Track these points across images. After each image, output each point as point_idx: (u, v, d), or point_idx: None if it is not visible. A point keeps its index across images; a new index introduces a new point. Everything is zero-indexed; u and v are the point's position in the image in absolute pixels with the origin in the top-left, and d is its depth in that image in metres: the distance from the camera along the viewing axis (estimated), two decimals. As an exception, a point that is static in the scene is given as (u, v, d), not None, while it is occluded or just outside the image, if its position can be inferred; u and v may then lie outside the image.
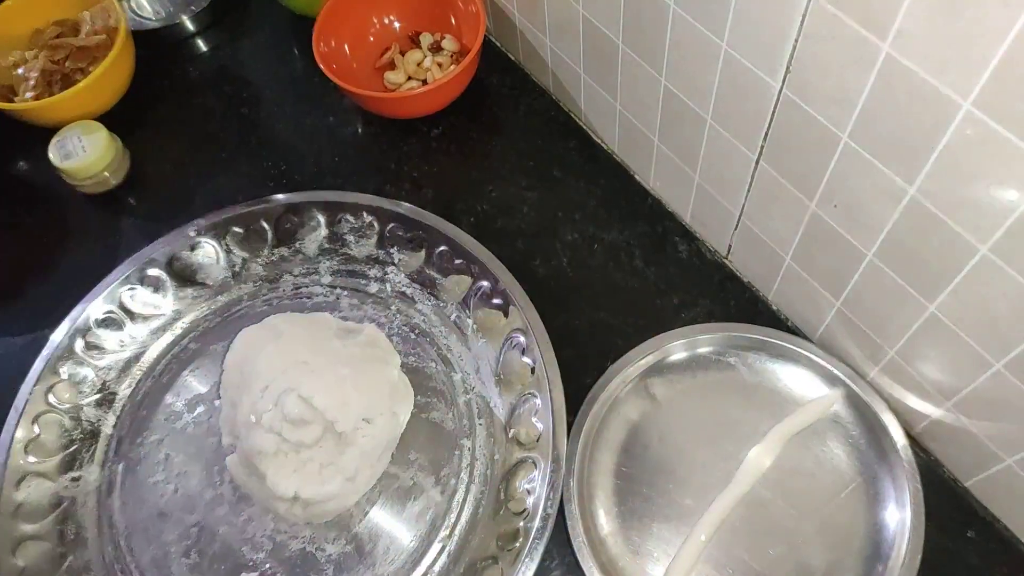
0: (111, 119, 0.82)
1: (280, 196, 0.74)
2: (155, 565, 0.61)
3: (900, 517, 0.57)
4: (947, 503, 0.59)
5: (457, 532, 0.60)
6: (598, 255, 0.73)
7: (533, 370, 0.63)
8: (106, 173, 0.80)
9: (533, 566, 0.55)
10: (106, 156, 0.79)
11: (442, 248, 0.70)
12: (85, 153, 0.78)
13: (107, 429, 0.68)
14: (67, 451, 0.66)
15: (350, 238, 0.74)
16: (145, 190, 0.83)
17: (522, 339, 0.65)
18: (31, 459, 0.64)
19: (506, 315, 0.66)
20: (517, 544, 0.56)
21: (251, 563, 0.61)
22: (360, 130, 0.85)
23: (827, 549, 0.57)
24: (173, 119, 0.88)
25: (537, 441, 0.60)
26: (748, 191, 0.61)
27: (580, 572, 0.57)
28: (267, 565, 0.61)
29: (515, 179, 0.78)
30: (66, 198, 0.82)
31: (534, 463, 0.60)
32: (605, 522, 0.60)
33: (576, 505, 0.59)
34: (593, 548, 0.57)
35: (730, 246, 0.69)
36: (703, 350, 0.65)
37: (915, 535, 0.55)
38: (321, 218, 0.74)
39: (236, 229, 0.74)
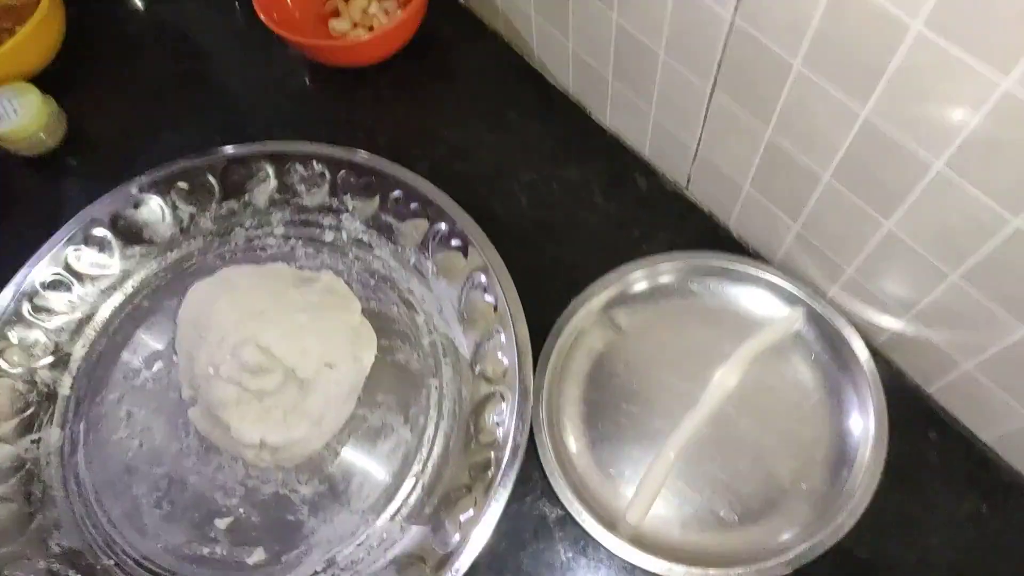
0: (44, 80, 0.79)
1: (225, 148, 0.72)
2: (127, 518, 0.60)
3: (864, 424, 0.58)
4: (909, 409, 0.60)
5: (429, 466, 0.61)
6: (557, 193, 0.73)
7: (496, 308, 0.63)
8: (41, 135, 0.77)
9: (506, 493, 0.55)
10: (39, 118, 0.76)
11: (396, 193, 0.70)
12: (17, 116, 0.75)
13: (64, 390, 0.66)
14: (24, 414, 0.64)
15: (301, 188, 0.72)
16: (85, 151, 0.80)
17: (483, 278, 0.64)
18: (-14, 424, 0.62)
19: (465, 255, 0.66)
20: (489, 473, 0.56)
21: (225, 509, 0.60)
22: (308, 81, 0.83)
23: (793, 459, 0.58)
24: (112, 77, 0.85)
25: (504, 375, 0.61)
26: (704, 122, 0.61)
27: (553, 495, 0.58)
28: (241, 510, 0.60)
29: (470, 124, 0.78)
30: (3, 162, 0.79)
31: (501, 396, 0.60)
32: (575, 448, 0.60)
33: (546, 434, 0.59)
34: (565, 473, 0.58)
35: (689, 177, 0.70)
36: (665, 279, 0.66)
37: (878, 441, 0.57)
38: (269, 169, 0.72)
39: (181, 184, 0.72)
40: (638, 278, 0.66)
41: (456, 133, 0.77)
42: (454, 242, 0.67)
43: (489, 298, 0.64)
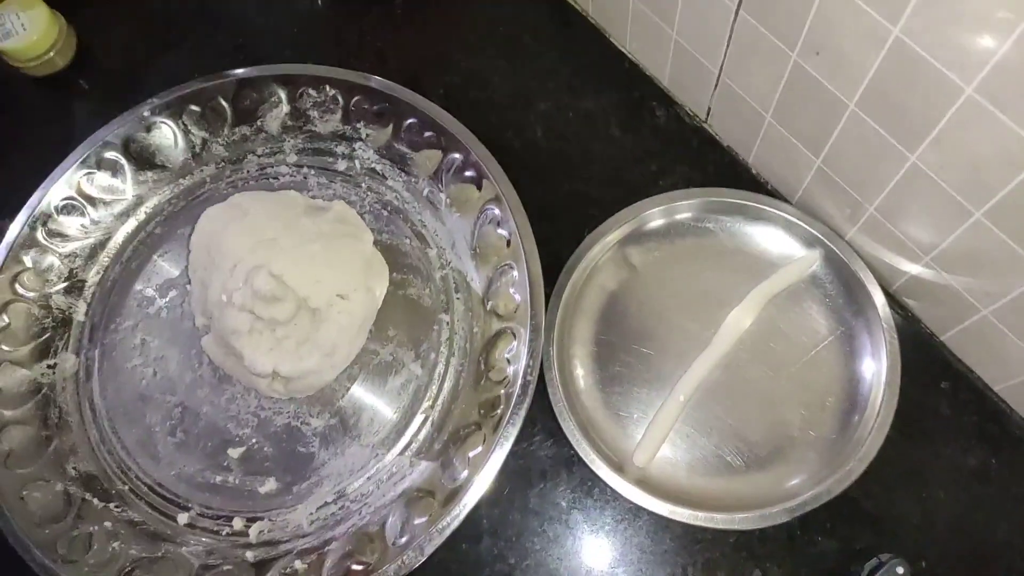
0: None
1: (237, 71, 0.70)
2: (141, 445, 0.62)
3: (876, 370, 0.57)
4: (922, 357, 0.60)
5: (440, 403, 0.61)
6: (573, 124, 0.71)
7: (509, 242, 0.62)
8: (51, 53, 0.76)
9: (514, 431, 0.55)
10: (49, 34, 0.74)
11: (410, 121, 0.68)
12: (25, 31, 0.73)
13: (79, 316, 0.67)
14: (40, 339, 0.65)
15: (314, 114, 0.71)
16: (95, 71, 0.79)
17: (496, 211, 0.63)
18: (3, 347, 0.63)
19: (479, 188, 0.64)
20: (499, 411, 0.56)
21: (237, 439, 0.61)
22: (319, 1, 0.80)
23: (803, 405, 0.58)
24: (118, -5, 0.83)
25: (515, 312, 0.60)
26: (728, 46, 0.59)
27: (562, 435, 0.58)
28: (253, 440, 0.61)
29: (485, 49, 0.75)
30: (13, 81, 0.78)
31: (513, 333, 0.59)
32: (585, 387, 0.60)
33: (556, 372, 0.59)
34: (574, 412, 0.58)
35: (709, 109, 0.67)
36: (681, 216, 0.64)
37: (890, 388, 0.56)
38: (282, 93, 0.71)
39: (192, 107, 0.70)
40: (654, 215, 0.64)
41: (470, 59, 0.75)
42: (468, 173, 0.65)
43: (502, 232, 0.63)
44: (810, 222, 0.62)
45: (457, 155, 0.66)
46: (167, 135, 0.71)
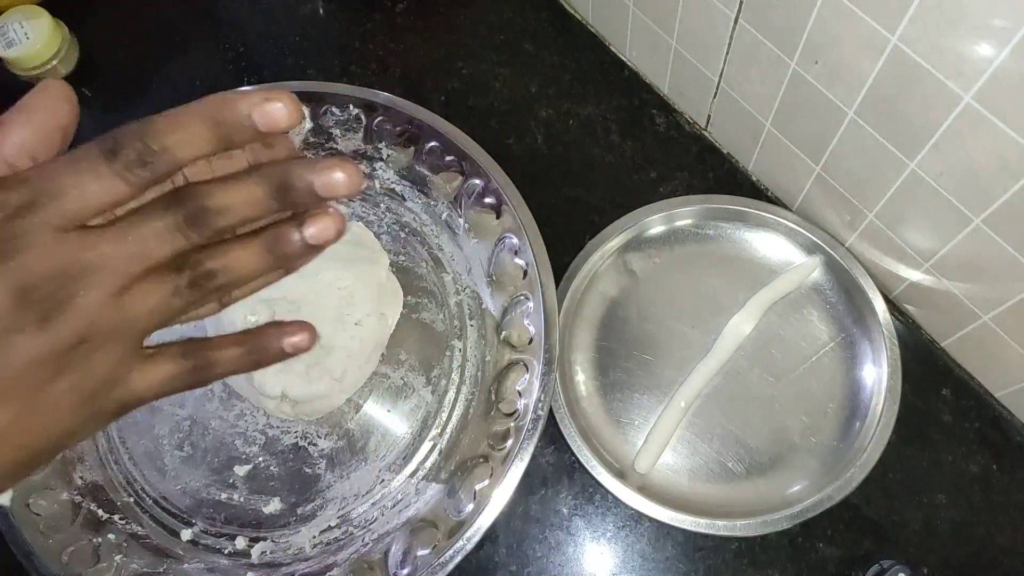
0: (53, 5, 0.77)
1: (264, 86, 0.70)
2: (148, 457, 0.61)
3: (876, 376, 0.58)
4: (923, 364, 0.60)
5: (448, 430, 0.60)
6: (574, 131, 0.71)
7: (525, 273, 0.60)
8: (54, 62, 0.76)
9: (523, 465, 0.54)
10: (52, 43, 0.75)
11: (432, 144, 0.66)
12: (29, 40, 0.73)
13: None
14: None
15: (336, 132, 0.70)
16: (98, 79, 0.79)
17: (515, 240, 0.61)
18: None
19: (498, 215, 0.63)
20: (507, 444, 0.55)
21: (244, 456, 0.60)
22: (321, 8, 0.81)
23: (804, 412, 0.58)
24: (121, 4, 0.83)
25: (529, 344, 0.59)
26: (727, 54, 0.59)
27: (563, 441, 0.58)
28: (260, 459, 0.60)
29: (486, 55, 0.75)
30: (16, 89, 0.77)
31: (526, 366, 0.58)
32: (586, 394, 0.60)
33: (557, 380, 0.59)
34: (575, 418, 0.58)
35: (709, 116, 0.67)
36: (681, 223, 0.65)
37: (891, 395, 0.56)
38: (305, 110, 0.70)
39: None
40: (654, 222, 0.64)
41: (471, 65, 0.75)
42: (488, 200, 0.64)
43: (519, 261, 0.61)
44: (810, 229, 0.62)
45: (478, 180, 0.64)
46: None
